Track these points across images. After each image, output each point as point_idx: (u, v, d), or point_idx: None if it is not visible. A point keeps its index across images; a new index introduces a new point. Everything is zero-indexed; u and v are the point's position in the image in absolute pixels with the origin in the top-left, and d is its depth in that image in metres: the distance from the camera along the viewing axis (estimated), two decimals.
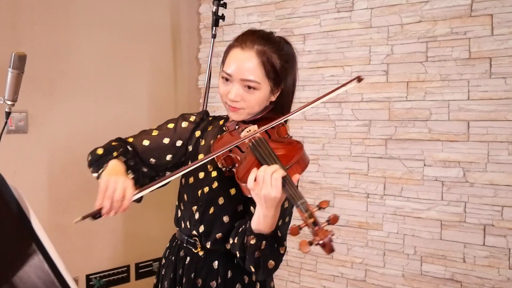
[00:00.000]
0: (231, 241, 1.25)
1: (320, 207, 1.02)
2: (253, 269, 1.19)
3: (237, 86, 1.25)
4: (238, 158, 1.21)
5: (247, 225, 1.18)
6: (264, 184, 1.07)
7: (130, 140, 1.40)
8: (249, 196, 1.14)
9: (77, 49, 2.63)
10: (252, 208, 1.22)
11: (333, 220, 0.99)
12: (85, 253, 2.71)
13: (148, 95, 2.99)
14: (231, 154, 1.22)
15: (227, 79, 1.27)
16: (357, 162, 2.53)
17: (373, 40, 2.47)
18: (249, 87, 1.25)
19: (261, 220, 1.13)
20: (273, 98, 1.33)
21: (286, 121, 1.31)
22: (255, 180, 1.09)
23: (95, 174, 1.29)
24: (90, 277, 2.75)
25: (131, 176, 1.28)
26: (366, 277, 2.55)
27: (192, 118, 1.43)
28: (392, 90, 2.42)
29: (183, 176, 1.37)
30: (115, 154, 1.28)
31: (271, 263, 1.16)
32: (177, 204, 1.43)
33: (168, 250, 1.44)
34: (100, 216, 1.14)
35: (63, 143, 2.60)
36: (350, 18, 2.53)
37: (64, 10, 2.57)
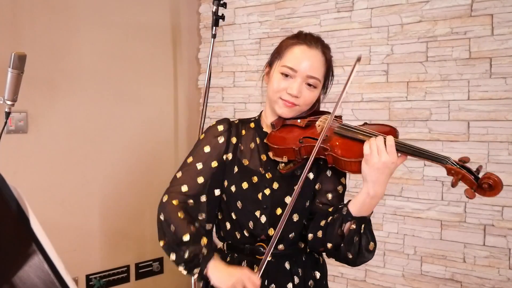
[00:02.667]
0: (311, 236, 1.26)
1: (464, 161, 1.11)
2: (351, 256, 1.19)
3: (299, 82, 1.27)
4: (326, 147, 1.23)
5: (344, 212, 1.19)
6: (380, 152, 1.11)
7: (185, 190, 1.30)
8: (357, 173, 1.17)
9: (77, 49, 2.63)
10: (318, 203, 1.30)
11: (465, 159, 1.12)
12: (85, 253, 2.71)
13: (148, 95, 2.98)
14: (303, 145, 1.26)
15: (286, 75, 1.28)
16: None
17: (373, 40, 2.46)
18: (309, 85, 1.28)
19: (367, 201, 1.15)
20: (319, 99, 1.40)
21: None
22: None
23: (195, 276, 1.22)
24: (90, 277, 2.74)
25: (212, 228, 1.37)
26: (366, 277, 2.55)
27: (221, 128, 1.37)
28: (392, 90, 2.42)
29: (230, 184, 1.32)
30: (205, 251, 1.20)
31: (372, 245, 1.19)
32: (220, 218, 1.37)
33: (228, 258, 1.37)
34: None
35: (63, 143, 2.60)
36: (350, 18, 2.53)
37: (64, 10, 2.57)
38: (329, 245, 1.21)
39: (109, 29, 2.76)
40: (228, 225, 1.36)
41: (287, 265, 1.29)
